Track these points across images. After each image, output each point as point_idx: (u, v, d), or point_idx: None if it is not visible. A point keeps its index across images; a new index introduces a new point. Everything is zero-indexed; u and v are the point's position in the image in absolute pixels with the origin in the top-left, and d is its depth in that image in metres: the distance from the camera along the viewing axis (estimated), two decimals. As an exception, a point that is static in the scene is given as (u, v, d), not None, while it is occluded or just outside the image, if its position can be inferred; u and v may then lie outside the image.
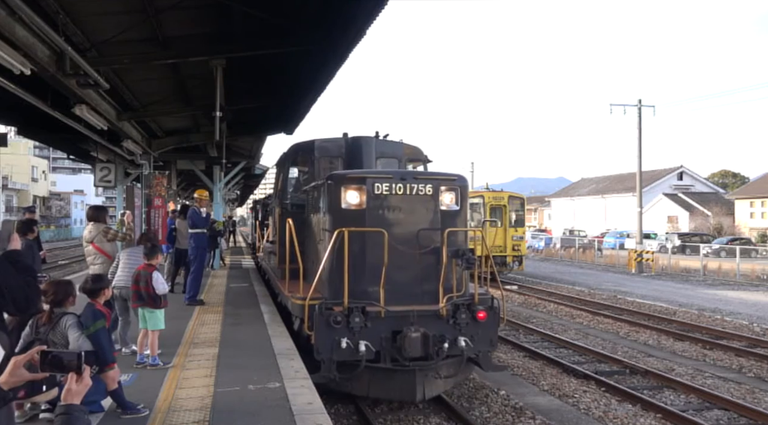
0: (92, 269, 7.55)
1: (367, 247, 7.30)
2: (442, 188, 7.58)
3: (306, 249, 8.63)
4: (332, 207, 7.53)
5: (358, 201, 7.37)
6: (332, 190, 7.52)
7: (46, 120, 11.49)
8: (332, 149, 9.89)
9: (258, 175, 28.88)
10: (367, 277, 7.24)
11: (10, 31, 6.39)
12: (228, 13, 7.83)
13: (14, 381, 2.41)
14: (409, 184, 7.44)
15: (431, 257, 7.46)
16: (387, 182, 7.36)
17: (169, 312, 7.54)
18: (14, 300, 3.15)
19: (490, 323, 7.47)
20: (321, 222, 7.99)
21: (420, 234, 7.46)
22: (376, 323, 7.01)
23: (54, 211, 75.73)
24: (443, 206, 7.58)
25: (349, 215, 7.34)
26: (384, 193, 7.35)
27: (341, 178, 7.61)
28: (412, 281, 7.47)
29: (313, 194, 8.83)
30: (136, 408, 5.06)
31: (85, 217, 8.13)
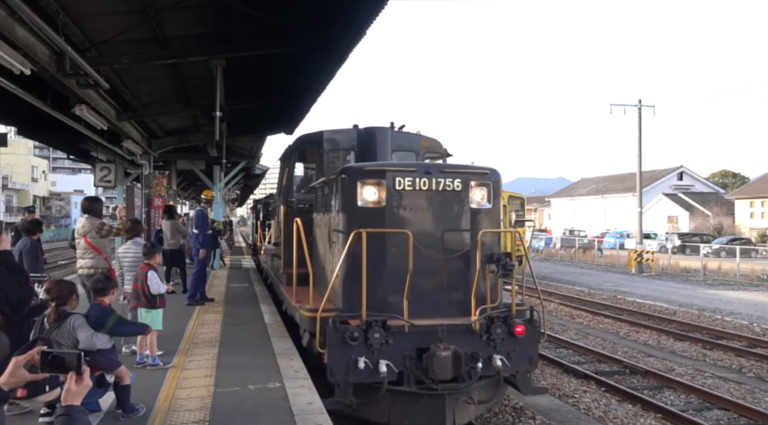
0: (81, 263, 7.51)
1: (387, 251, 6.42)
2: (472, 183, 6.67)
3: (314, 253, 7.87)
4: (346, 205, 6.63)
5: (377, 198, 6.49)
6: (346, 185, 6.63)
7: (46, 120, 11.49)
8: (343, 141, 9.05)
9: (258, 175, 28.89)
10: (387, 286, 6.40)
11: (10, 31, 6.39)
12: (228, 13, 7.83)
13: (14, 381, 2.41)
14: (435, 178, 6.53)
15: (459, 262, 6.60)
16: (410, 176, 6.50)
17: (169, 312, 7.55)
18: (8, 300, 3.16)
19: (529, 338, 6.50)
20: (333, 222, 7.08)
21: (446, 236, 6.61)
22: (399, 339, 6.10)
23: (54, 211, 75.72)
24: (473, 204, 6.70)
25: (365, 214, 6.46)
26: (406, 188, 6.50)
27: (357, 171, 6.68)
28: (437, 290, 6.58)
29: (323, 190, 7.85)
30: (135, 410, 5.07)
31: (80, 208, 8.00)
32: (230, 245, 28.60)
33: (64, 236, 62.97)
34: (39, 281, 5.75)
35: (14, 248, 7.67)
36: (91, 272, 7.32)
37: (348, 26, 7.27)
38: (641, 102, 32.09)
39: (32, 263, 7.58)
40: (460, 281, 6.61)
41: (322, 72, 9.38)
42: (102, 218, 8.03)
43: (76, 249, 7.76)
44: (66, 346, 4.43)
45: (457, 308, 6.56)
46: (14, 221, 28.33)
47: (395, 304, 6.24)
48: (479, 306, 6.38)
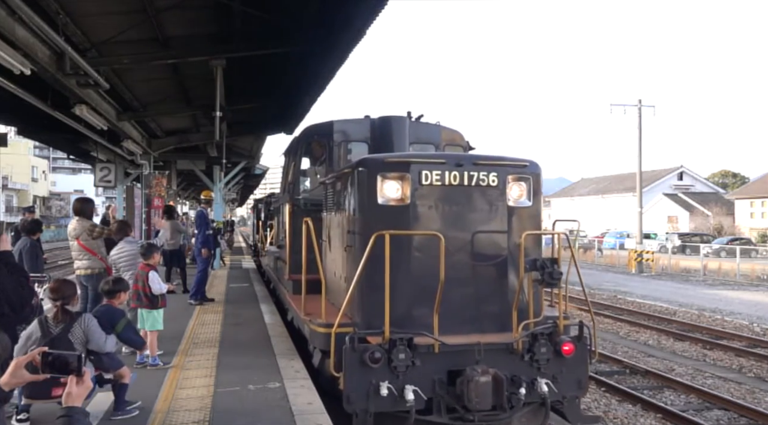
0: (78, 264, 7.53)
1: (412, 256, 5.65)
2: (509, 178, 5.89)
3: (324, 257, 7.09)
4: (364, 203, 5.79)
5: (400, 195, 5.70)
6: (364, 180, 5.78)
7: (46, 120, 11.49)
8: (355, 132, 8.27)
9: (258, 175, 28.88)
10: (411, 297, 5.58)
11: (10, 31, 6.39)
12: (228, 13, 7.83)
13: (15, 382, 2.42)
14: (468, 172, 5.74)
15: (493, 269, 5.80)
16: (438, 169, 5.69)
17: (169, 312, 7.55)
18: (9, 301, 3.16)
19: (578, 358, 5.63)
20: (347, 223, 6.21)
21: (478, 239, 5.80)
22: (428, 361, 5.27)
23: (54, 211, 75.71)
24: (511, 202, 5.90)
25: (387, 213, 5.66)
26: (434, 183, 5.69)
27: (377, 163, 5.85)
28: (469, 301, 5.75)
29: (334, 186, 6.95)
30: (127, 410, 5.08)
31: (72, 210, 7.99)
32: (230, 245, 28.61)
33: (63, 236, 62.88)
34: (39, 281, 5.76)
35: (14, 248, 7.67)
36: (89, 273, 7.32)
37: (348, 26, 7.27)
38: (641, 102, 32.09)
39: (32, 263, 7.60)
40: (494, 291, 5.81)
41: (322, 72, 9.37)
42: (94, 220, 8.00)
43: (71, 251, 7.76)
44: (76, 345, 4.44)
45: (491, 322, 5.77)
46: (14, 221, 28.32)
47: (421, 318, 5.45)
48: (521, 321, 5.52)
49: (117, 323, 5.25)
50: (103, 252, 7.58)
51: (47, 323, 4.47)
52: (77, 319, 4.54)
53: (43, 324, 4.45)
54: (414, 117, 8.41)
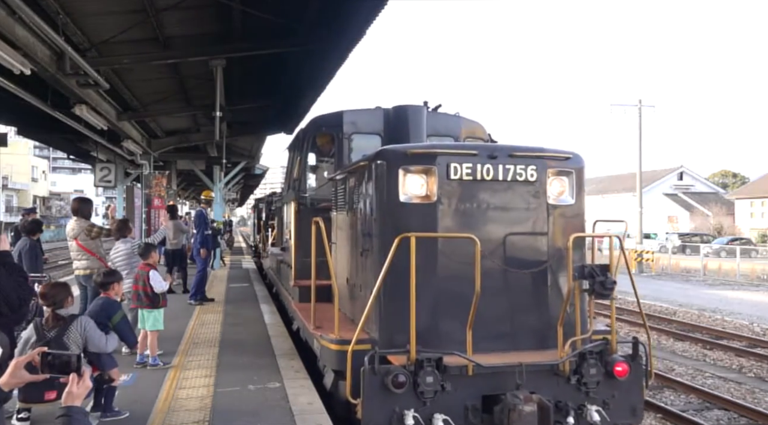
0: (76, 264, 7.53)
1: (439, 262, 4.96)
2: (549, 172, 5.21)
3: (334, 262, 6.35)
4: (384, 201, 5.09)
5: (425, 191, 5.03)
6: (384, 174, 5.08)
7: (46, 120, 11.50)
8: (367, 123, 7.59)
9: (258, 175, 28.89)
10: (438, 309, 4.91)
11: (10, 31, 6.40)
12: (228, 13, 7.83)
13: (15, 382, 2.42)
14: (503, 165, 5.05)
15: (532, 276, 5.09)
16: (469, 162, 5.02)
17: (169, 312, 7.54)
18: (7, 301, 3.16)
19: (632, 380, 4.90)
20: (362, 224, 5.57)
21: (514, 241, 5.12)
22: (460, 385, 4.59)
23: (54, 211, 75.72)
24: (551, 199, 5.21)
25: (410, 212, 5.00)
26: (464, 178, 5.02)
27: (398, 155, 5.12)
28: (502, 313, 5.06)
29: (346, 183, 6.23)
30: (115, 411, 5.08)
31: (70, 210, 7.97)
32: (230, 245, 28.62)
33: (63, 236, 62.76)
34: (39, 281, 5.77)
35: (14, 249, 7.68)
36: (88, 273, 7.33)
37: (348, 26, 7.27)
38: (641, 102, 32.11)
39: (32, 263, 7.60)
40: (532, 302, 5.14)
41: (322, 72, 9.37)
42: (92, 219, 7.99)
43: (70, 251, 7.76)
44: (72, 347, 4.43)
45: (528, 338, 5.09)
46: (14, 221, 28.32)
47: (449, 334, 4.84)
48: (567, 337, 4.81)
49: (114, 314, 5.25)
50: (101, 252, 7.59)
51: (42, 327, 4.47)
52: (72, 322, 4.52)
53: (38, 328, 4.45)
54: (431, 107, 7.70)
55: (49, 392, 4.06)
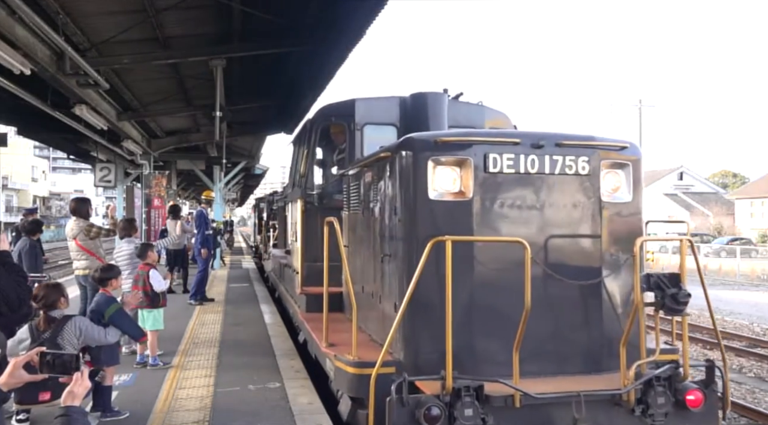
0: (76, 264, 7.53)
1: (475, 270, 4.30)
2: (603, 164, 4.54)
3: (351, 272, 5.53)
4: (410, 198, 4.41)
5: (459, 186, 4.37)
6: (410, 167, 4.41)
7: (46, 120, 11.50)
8: (381, 113, 6.90)
9: (258, 175, 28.90)
10: (475, 326, 4.25)
11: (10, 31, 6.40)
12: (228, 13, 7.83)
13: (14, 382, 2.42)
14: (550, 156, 4.39)
15: (582, 285, 4.35)
16: (510, 152, 4.35)
17: (169, 312, 7.55)
18: (7, 300, 3.16)
19: (707, 411, 4.17)
20: (382, 225, 4.91)
21: (560, 245, 4.44)
22: (505, 417, 3.86)
23: (54, 211, 75.75)
24: (605, 196, 4.54)
25: (441, 211, 4.37)
26: (505, 171, 4.35)
27: (428, 144, 4.44)
28: (548, 330, 4.33)
29: (360, 178, 5.58)
30: (115, 411, 5.08)
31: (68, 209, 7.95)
32: (230, 245, 28.63)
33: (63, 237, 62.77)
34: (38, 281, 5.76)
35: (14, 249, 7.68)
36: (87, 273, 7.33)
37: (348, 26, 7.27)
38: (641, 102, 32.15)
39: (31, 263, 7.60)
40: (581, 317, 4.44)
41: (322, 72, 9.38)
42: (91, 219, 7.98)
43: (70, 252, 7.76)
44: (67, 348, 4.42)
45: (578, 360, 4.40)
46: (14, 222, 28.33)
47: (487, 355, 4.20)
48: (630, 360, 4.04)
49: (106, 309, 5.17)
50: (101, 252, 7.59)
51: (36, 328, 4.46)
52: (66, 323, 4.50)
53: (32, 329, 4.44)
54: (451, 95, 7.04)
55: (44, 393, 4.05)
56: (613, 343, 4.21)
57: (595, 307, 4.46)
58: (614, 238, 4.54)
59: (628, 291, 4.44)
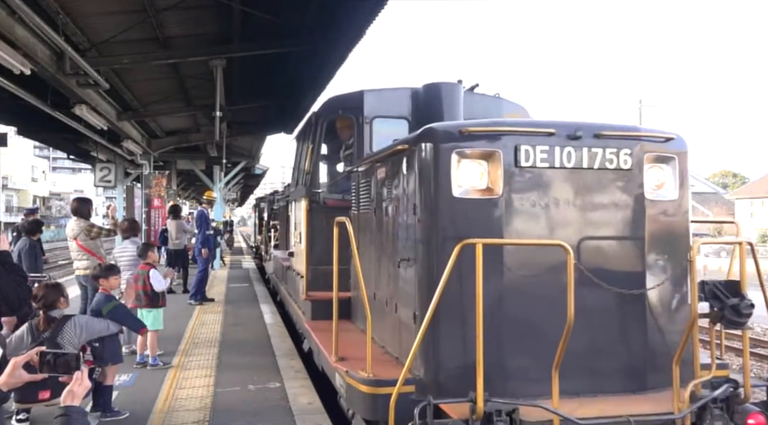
0: (77, 264, 7.54)
1: (504, 277, 3.85)
2: (647, 158, 4.10)
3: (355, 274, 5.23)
4: (431, 195, 3.97)
5: (486, 182, 3.94)
6: (431, 160, 3.98)
7: (46, 120, 11.50)
8: (392, 105, 6.53)
9: (258, 175, 28.89)
10: (504, 339, 3.80)
11: (10, 31, 6.40)
12: (228, 13, 7.83)
13: (13, 382, 2.42)
14: (589, 148, 3.97)
15: (624, 295, 3.81)
16: (544, 144, 3.93)
17: (169, 312, 7.55)
18: (7, 300, 3.16)
19: None
20: (397, 225, 4.52)
21: (598, 248, 4.00)
22: None
23: (54, 211, 75.77)
24: (649, 193, 4.09)
25: (467, 210, 3.93)
26: (538, 165, 3.93)
27: (451, 134, 4.02)
28: (584, 343, 3.80)
29: (372, 174, 5.16)
30: (116, 411, 5.08)
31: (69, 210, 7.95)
32: (230, 245, 28.64)
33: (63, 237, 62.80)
34: (39, 281, 5.76)
35: (13, 249, 7.68)
36: (88, 273, 7.34)
37: (348, 26, 7.27)
38: (642, 102, 32.16)
39: (31, 263, 7.61)
40: (622, 329, 4.00)
41: (322, 72, 9.38)
42: (92, 219, 7.99)
43: (70, 252, 7.77)
44: (67, 347, 4.42)
45: (618, 377, 3.94)
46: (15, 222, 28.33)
47: (519, 371, 3.78)
48: (683, 379, 3.57)
49: (104, 306, 5.21)
50: (101, 252, 7.59)
51: (36, 328, 4.46)
52: (66, 322, 4.51)
53: (32, 329, 4.45)
54: (466, 86, 6.63)
55: (43, 391, 4.06)
56: (657, 358, 3.89)
57: (638, 318, 4.01)
58: (659, 240, 4.09)
59: (675, 300, 4.06)
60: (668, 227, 4.17)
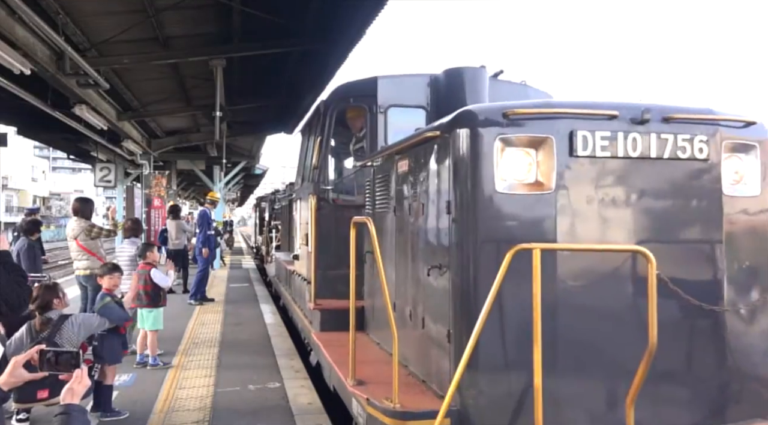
0: (77, 264, 7.53)
1: (557, 288, 3.23)
2: (725, 146, 3.50)
3: (367, 280, 5.12)
4: (469, 191, 3.37)
5: (535, 175, 3.35)
6: (467, 149, 3.38)
7: (46, 120, 11.50)
8: (408, 93, 5.89)
9: (258, 175, 28.92)
10: (560, 362, 3.16)
11: (10, 31, 6.41)
12: (228, 13, 7.84)
13: (14, 381, 2.42)
14: (657, 134, 3.36)
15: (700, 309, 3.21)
16: (605, 129, 3.34)
17: (169, 312, 7.55)
18: (7, 300, 3.16)
19: None
20: (424, 227, 3.94)
21: (666, 254, 3.23)
22: None
23: (54, 211, 75.78)
24: (727, 189, 3.50)
25: (512, 208, 3.32)
26: (599, 154, 3.33)
27: (493, 117, 3.38)
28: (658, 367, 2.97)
29: (392, 169, 4.61)
30: (116, 411, 5.08)
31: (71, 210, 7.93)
32: (230, 245, 28.64)
33: (63, 237, 62.70)
34: (38, 281, 5.77)
35: (13, 249, 7.68)
36: (88, 273, 7.33)
37: (348, 26, 7.28)
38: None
39: (30, 263, 7.62)
40: (697, 348, 3.39)
41: (323, 72, 9.38)
42: (93, 220, 8.00)
43: (70, 252, 7.77)
44: (67, 347, 4.42)
45: (698, 405, 3.36)
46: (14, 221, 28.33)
47: (575, 400, 3.21)
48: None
49: (100, 302, 5.20)
50: (101, 252, 7.59)
51: (34, 329, 4.47)
52: (64, 322, 4.51)
53: (31, 330, 4.45)
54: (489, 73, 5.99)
55: (42, 391, 4.06)
56: (738, 384, 3.38)
57: (715, 336, 3.38)
58: (738, 243, 3.50)
59: (759, 315, 3.49)
60: (749, 228, 3.57)
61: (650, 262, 2.70)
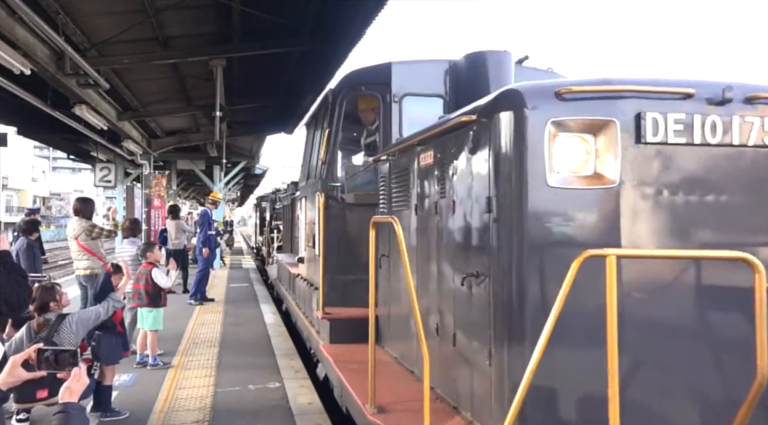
0: (77, 264, 7.53)
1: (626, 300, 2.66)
2: None
3: (385, 287, 4.59)
4: (514, 185, 2.87)
5: (594, 166, 2.85)
6: (511, 135, 2.89)
7: (46, 120, 11.50)
8: (425, 81, 5.44)
9: (258, 175, 28.92)
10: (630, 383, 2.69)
11: (10, 31, 6.40)
12: (228, 13, 7.84)
13: (12, 381, 2.42)
14: (741, 117, 2.86)
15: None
16: (679, 110, 2.83)
17: (169, 312, 7.55)
18: (7, 301, 3.15)
19: None
20: (461, 228, 3.40)
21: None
22: None
23: (54, 211, 75.79)
24: None
25: (568, 205, 2.82)
26: (671, 141, 2.82)
27: (541, 97, 2.87)
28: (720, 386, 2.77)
29: (413, 162, 4.16)
30: (116, 411, 5.08)
31: (71, 210, 7.93)
32: (230, 245, 28.64)
33: (63, 236, 62.75)
34: (38, 281, 5.77)
35: (12, 249, 7.68)
36: (88, 273, 7.33)
37: (348, 26, 7.27)
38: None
39: (29, 263, 7.62)
40: None
41: (323, 72, 9.38)
42: (93, 220, 8.00)
43: (71, 251, 7.77)
44: (68, 346, 4.42)
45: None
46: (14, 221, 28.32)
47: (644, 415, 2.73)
48: None
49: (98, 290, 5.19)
50: (102, 253, 7.59)
51: (32, 330, 4.46)
52: (61, 322, 4.50)
53: (29, 331, 4.45)
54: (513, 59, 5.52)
55: (41, 390, 4.06)
56: None
57: None
58: None
59: None
60: None
61: (758, 272, 2.09)
